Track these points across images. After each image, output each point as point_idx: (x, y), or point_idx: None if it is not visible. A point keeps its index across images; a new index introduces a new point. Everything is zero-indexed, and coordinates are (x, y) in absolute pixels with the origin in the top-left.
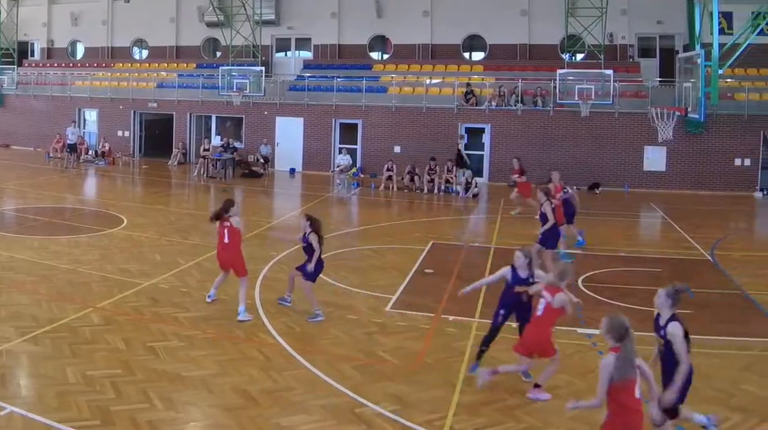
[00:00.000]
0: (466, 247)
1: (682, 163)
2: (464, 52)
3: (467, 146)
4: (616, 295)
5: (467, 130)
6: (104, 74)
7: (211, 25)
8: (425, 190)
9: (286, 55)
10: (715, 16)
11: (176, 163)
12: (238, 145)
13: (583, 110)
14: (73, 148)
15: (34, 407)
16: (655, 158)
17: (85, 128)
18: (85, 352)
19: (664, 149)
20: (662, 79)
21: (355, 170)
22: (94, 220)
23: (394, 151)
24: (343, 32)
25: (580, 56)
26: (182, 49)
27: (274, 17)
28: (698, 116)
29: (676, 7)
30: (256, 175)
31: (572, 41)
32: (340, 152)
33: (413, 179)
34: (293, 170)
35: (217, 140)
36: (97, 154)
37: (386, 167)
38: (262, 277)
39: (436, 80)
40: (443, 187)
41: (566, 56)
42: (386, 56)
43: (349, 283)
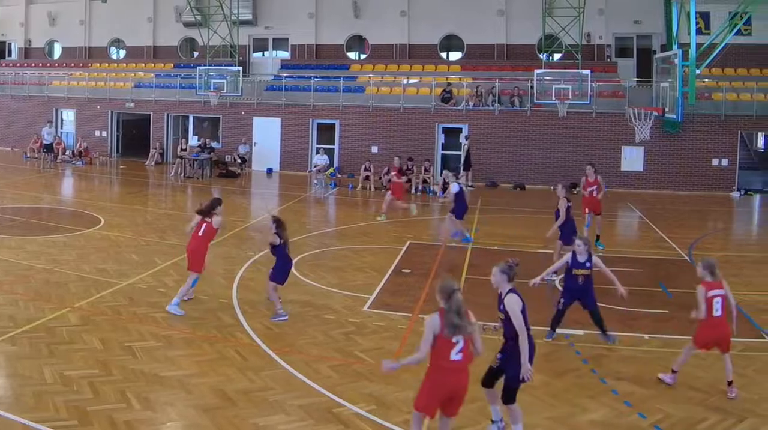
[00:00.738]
0: (443, 247)
1: (659, 163)
2: (441, 52)
3: (444, 146)
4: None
5: (444, 130)
6: (81, 74)
7: (188, 25)
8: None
9: (263, 55)
10: (692, 16)
11: (153, 163)
12: (215, 145)
13: (560, 110)
14: (49, 148)
15: (11, 407)
16: (632, 158)
17: (62, 128)
18: (62, 352)
19: (641, 149)
20: (639, 79)
21: (332, 170)
22: (71, 220)
23: (371, 151)
24: (320, 32)
25: (557, 56)
26: (159, 49)
27: (251, 17)
28: (675, 116)
29: (653, 7)
30: (233, 175)
31: (549, 41)
32: (317, 152)
33: (390, 179)
34: (270, 170)
35: (194, 140)
36: (74, 154)
37: (364, 167)
38: (239, 277)
39: (413, 80)
40: (420, 187)
41: (543, 56)
42: (363, 56)
43: (326, 283)
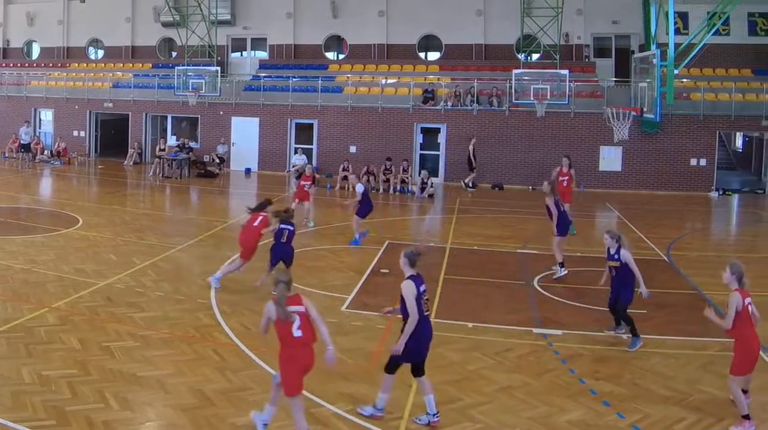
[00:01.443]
0: (422, 247)
1: (637, 163)
2: (420, 52)
3: (422, 146)
4: (572, 295)
5: (423, 130)
6: (60, 74)
7: (166, 25)
8: (381, 190)
9: (241, 55)
10: (671, 16)
11: (132, 163)
12: (193, 145)
13: (538, 110)
14: (26, 148)
15: None
16: (610, 158)
17: (40, 128)
18: (40, 352)
19: (619, 149)
20: (618, 79)
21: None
22: (49, 220)
23: (349, 151)
24: (298, 32)
25: (535, 56)
26: (138, 49)
27: (229, 17)
28: (654, 116)
29: (631, 7)
30: (211, 175)
31: (528, 41)
32: (295, 152)
33: (369, 179)
34: (249, 170)
35: (172, 140)
36: (52, 154)
37: (342, 167)
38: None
39: (391, 80)
40: (399, 187)
41: (522, 56)
42: (342, 56)
43: (305, 283)
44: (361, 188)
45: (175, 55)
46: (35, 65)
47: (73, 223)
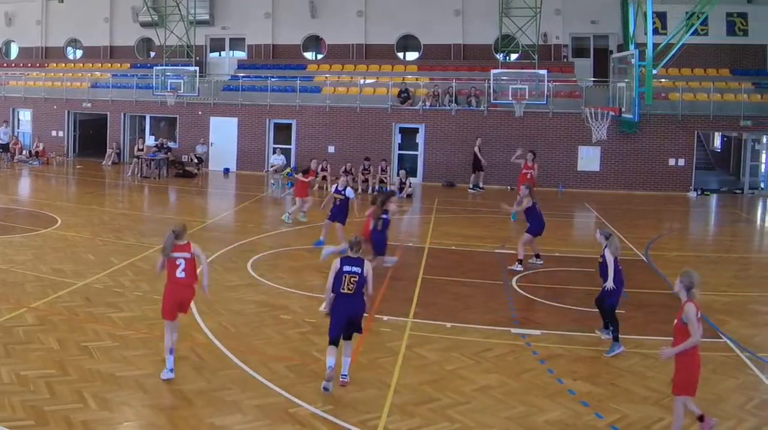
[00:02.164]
0: (400, 247)
1: (616, 163)
2: (398, 52)
3: (401, 146)
4: (550, 295)
5: (401, 130)
6: (38, 74)
7: (145, 25)
8: (359, 190)
9: (220, 55)
10: (649, 16)
11: (110, 163)
12: (172, 145)
13: (517, 110)
14: (5, 147)
15: None
16: (589, 158)
17: (19, 128)
18: (19, 352)
19: (598, 149)
20: (596, 79)
21: (289, 170)
22: (27, 220)
23: (328, 151)
24: (277, 32)
25: (514, 56)
26: (116, 49)
27: (208, 17)
28: (632, 116)
29: (610, 7)
30: (189, 175)
31: (506, 41)
32: (274, 152)
33: (347, 180)
34: (227, 170)
35: (151, 140)
36: (31, 154)
37: (320, 167)
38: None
39: (370, 80)
40: (377, 187)
41: (500, 56)
42: (320, 56)
43: (283, 283)
44: (351, 194)
45: (153, 55)
46: (13, 65)
47: (51, 223)
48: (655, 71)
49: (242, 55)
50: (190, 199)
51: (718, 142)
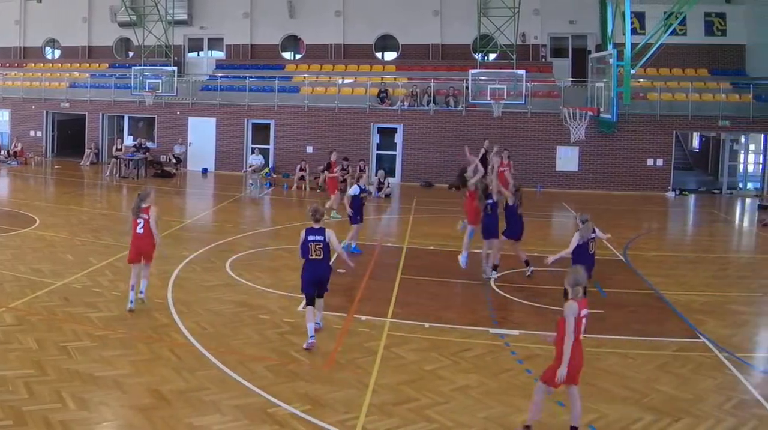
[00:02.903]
0: (378, 247)
1: (594, 163)
2: (377, 52)
3: (379, 146)
4: (528, 295)
5: (379, 130)
6: (16, 74)
7: (123, 25)
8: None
9: (198, 55)
10: (627, 16)
11: (89, 163)
12: (150, 145)
13: (495, 110)
14: None
15: None
16: (567, 158)
17: None
18: None
19: (576, 149)
20: (574, 79)
21: (267, 170)
22: (6, 220)
23: (306, 151)
24: (255, 32)
25: (492, 56)
26: (95, 49)
27: (186, 17)
28: (611, 116)
29: (588, 7)
30: (168, 175)
31: (485, 41)
32: (252, 152)
33: (326, 180)
34: (206, 170)
35: (129, 140)
36: (9, 154)
37: (299, 167)
38: (174, 277)
39: (348, 80)
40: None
41: (479, 56)
42: (299, 56)
43: (261, 283)
44: (356, 190)
45: (131, 55)
46: None
47: (30, 223)
48: (633, 71)
49: (220, 55)
50: (168, 199)
51: (696, 142)
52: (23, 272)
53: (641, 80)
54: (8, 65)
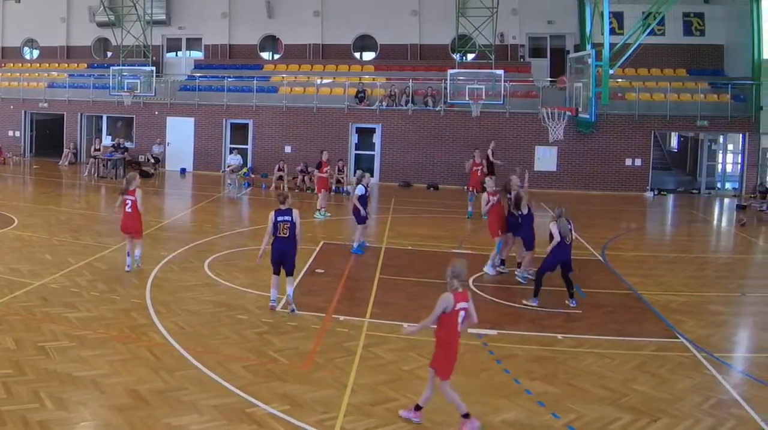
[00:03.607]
0: (351, 252)
1: (573, 163)
2: (355, 52)
3: (357, 146)
4: (507, 295)
5: (358, 130)
6: None
7: (102, 25)
8: (316, 190)
9: (176, 55)
10: (605, 16)
11: (67, 163)
12: (128, 145)
13: (473, 110)
14: None
15: None
16: (546, 158)
17: None
18: None
19: (554, 149)
20: (553, 79)
21: (245, 170)
22: None
23: (285, 151)
24: (233, 32)
25: (470, 56)
26: (73, 49)
27: (164, 17)
28: (589, 116)
29: (566, 7)
30: (146, 175)
31: (463, 41)
32: (230, 152)
33: (304, 179)
34: (184, 170)
35: (107, 140)
36: None
37: (277, 167)
38: (152, 277)
39: (326, 80)
40: (334, 187)
41: (457, 56)
42: (277, 56)
43: (239, 283)
44: (362, 190)
45: (110, 55)
46: None
47: (8, 223)
48: (611, 71)
49: (199, 55)
50: (146, 199)
51: (674, 142)
52: (1, 272)
53: (620, 80)
54: None
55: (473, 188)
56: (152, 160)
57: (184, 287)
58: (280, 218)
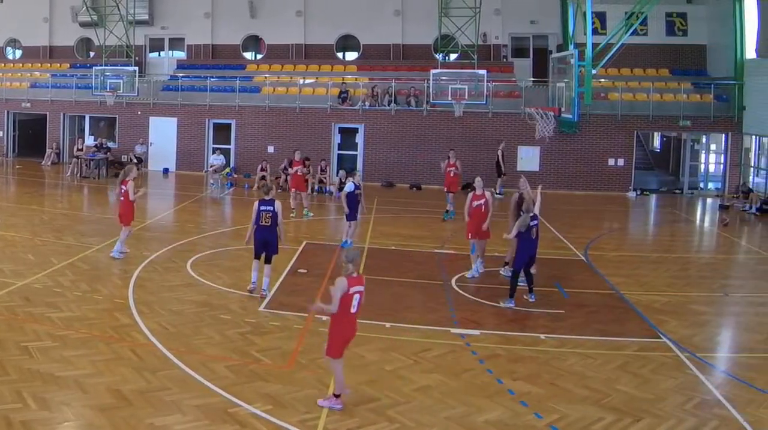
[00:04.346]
0: (339, 246)
1: (555, 163)
2: (338, 52)
3: (340, 146)
4: (490, 295)
5: (341, 130)
6: None
7: (84, 25)
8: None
9: (159, 55)
10: (588, 16)
11: (50, 163)
12: (111, 145)
13: (456, 110)
14: None
15: None
16: (528, 158)
17: None
18: None
19: (537, 149)
20: (536, 79)
21: (228, 170)
22: None
23: (267, 151)
24: (216, 32)
25: (453, 56)
26: (56, 49)
27: (147, 17)
28: (572, 116)
29: (549, 7)
30: None
31: (446, 41)
32: (213, 152)
33: (287, 179)
34: (167, 170)
35: (90, 140)
36: None
37: (260, 167)
38: (135, 277)
39: (309, 80)
40: (317, 187)
41: (440, 56)
42: (260, 56)
43: (222, 283)
44: (351, 187)
45: (93, 55)
46: None
47: None
48: (594, 71)
49: (182, 55)
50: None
51: (657, 142)
52: None
53: (602, 80)
54: None
55: (447, 189)
56: (135, 160)
57: (166, 287)
58: (263, 208)
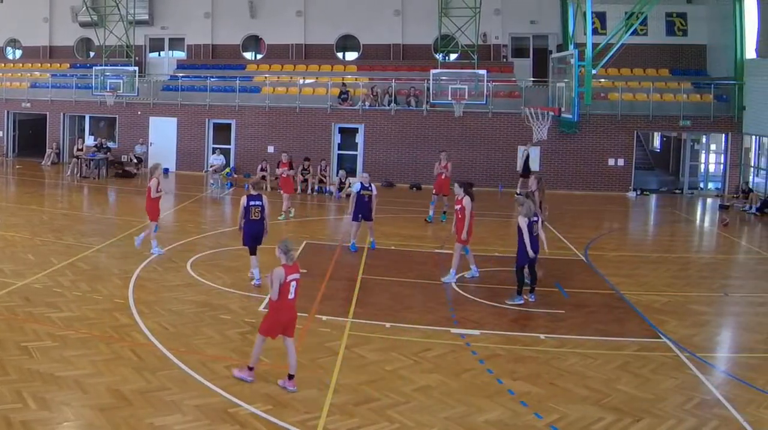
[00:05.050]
0: (339, 247)
1: (556, 163)
2: (338, 52)
3: (340, 146)
4: (489, 295)
5: (341, 130)
6: None
7: (84, 25)
8: (299, 190)
9: (159, 55)
10: (588, 16)
11: (50, 163)
12: (111, 145)
13: (456, 110)
14: None
15: None
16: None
17: None
18: None
19: (537, 149)
20: (536, 79)
21: (228, 170)
22: None
23: (267, 151)
24: (216, 32)
25: (453, 56)
26: (56, 49)
27: (147, 17)
28: (572, 116)
29: (549, 7)
30: (129, 175)
31: (446, 41)
32: (213, 152)
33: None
34: (167, 170)
35: (90, 140)
36: None
37: (260, 167)
38: (135, 277)
39: (309, 80)
40: (317, 187)
41: (440, 56)
42: (260, 56)
43: (222, 283)
44: (357, 187)
45: (92, 55)
46: None
47: None
48: (594, 71)
49: (182, 55)
50: (129, 199)
51: (657, 142)
52: None
53: (602, 80)
54: None
55: (437, 192)
56: (135, 160)
57: (166, 287)
58: (252, 203)
